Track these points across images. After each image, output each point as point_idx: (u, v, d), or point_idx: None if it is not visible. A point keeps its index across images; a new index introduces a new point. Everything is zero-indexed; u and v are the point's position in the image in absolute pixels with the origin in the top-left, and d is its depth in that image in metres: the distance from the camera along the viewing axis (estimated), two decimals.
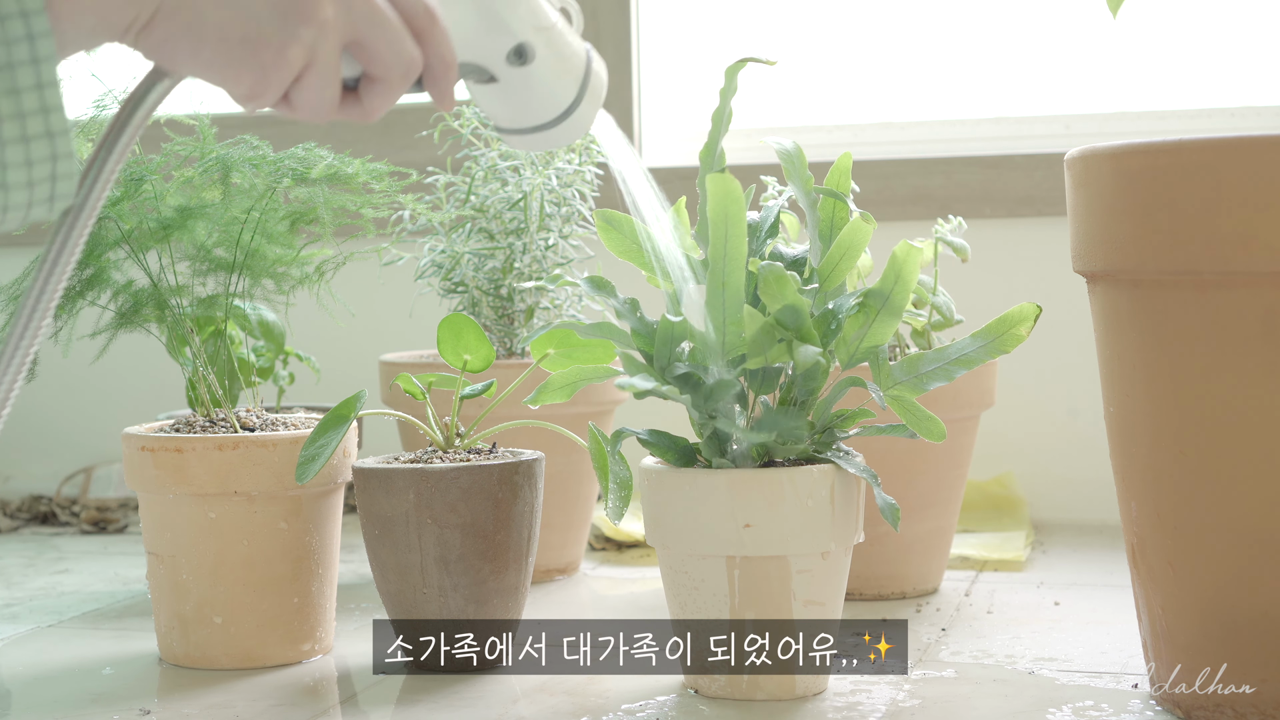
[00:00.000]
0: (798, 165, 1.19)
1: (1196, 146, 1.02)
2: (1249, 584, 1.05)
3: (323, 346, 1.98)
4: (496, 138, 1.62)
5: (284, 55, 0.87)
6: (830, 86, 2.10)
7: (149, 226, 1.31)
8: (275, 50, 0.87)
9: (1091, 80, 2.00)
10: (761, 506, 1.13)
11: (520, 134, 1.03)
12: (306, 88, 0.90)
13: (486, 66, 0.99)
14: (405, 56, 0.92)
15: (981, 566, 1.62)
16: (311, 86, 0.89)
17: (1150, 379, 1.08)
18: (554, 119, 1.01)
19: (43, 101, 0.79)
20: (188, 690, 1.24)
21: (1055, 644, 1.31)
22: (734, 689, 1.16)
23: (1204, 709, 1.08)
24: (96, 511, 2.01)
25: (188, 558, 1.28)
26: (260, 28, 0.86)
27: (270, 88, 0.89)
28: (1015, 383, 1.89)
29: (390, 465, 1.26)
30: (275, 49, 0.87)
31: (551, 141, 1.03)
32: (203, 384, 1.34)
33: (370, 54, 0.91)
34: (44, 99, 0.79)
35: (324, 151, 1.35)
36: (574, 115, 1.01)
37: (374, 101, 0.93)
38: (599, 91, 1.02)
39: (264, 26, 0.86)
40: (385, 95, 0.93)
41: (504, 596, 1.26)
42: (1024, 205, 1.90)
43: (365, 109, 0.93)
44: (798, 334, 1.12)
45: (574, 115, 1.01)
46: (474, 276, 1.62)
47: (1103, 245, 1.09)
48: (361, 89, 0.93)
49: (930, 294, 1.47)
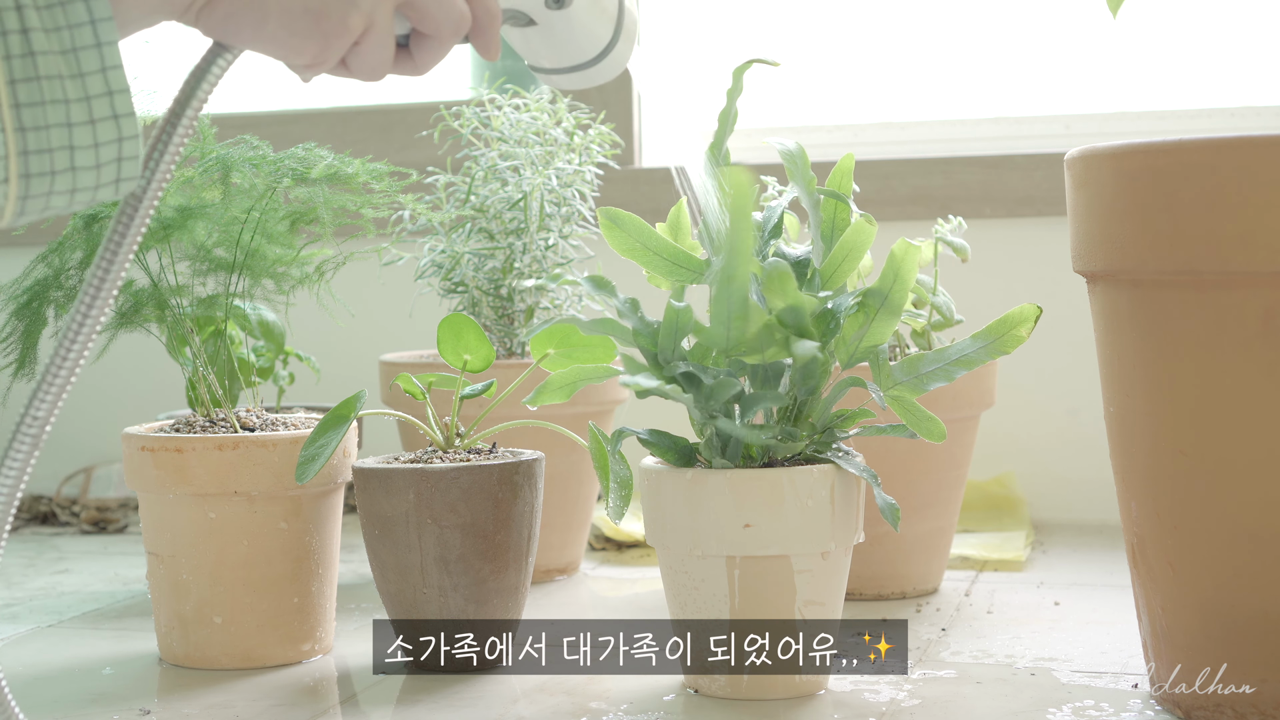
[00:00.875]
0: (801, 166, 1.19)
1: (1196, 146, 1.02)
2: (1249, 584, 1.05)
3: (323, 346, 1.98)
4: (497, 138, 1.62)
5: (346, 24, 0.89)
6: (831, 86, 2.10)
7: (149, 226, 1.31)
8: (338, 19, 0.89)
9: (1091, 80, 2.00)
10: (761, 506, 1.13)
11: (559, 74, 1.06)
12: (365, 51, 0.92)
13: (526, 11, 1.03)
14: (455, 13, 0.94)
15: (981, 566, 1.62)
16: (370, 49, 0.92)
17: (1150, 379, 1.08)
18: (593, 58, 1.05)
19: (107, 84, 0.81)
20: (188, 690, 1.24)
21: (1055, 644, 1.31)
22: (734, 689, 1.16)
23: (1204, 709, 1.08)
24: (96, 511, 2.01)
25: (188, 558, 1.28)
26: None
27: (331, 55, 0.91)
28: (1015, 383, 1.89)
29: (390, 465, 1.26)
30: (338, 18, 0.89)
31: (590, 80, 1.07)
32: (203, 384, 1.34)
33: (421, 13, 0.93)
34: (109, 81, 0.81)
35: (324, 151, 1.35)
36: (612, 53, 1.05)
37: (426, 57, 0.96)
38: (634, 30, 1.06)
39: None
40: (437, 50, 0.96)
41: (504, 596, 1.26)
42: (1024, 205, 1.90)
43: (417, 64, 0.96)
44: (797, 331, 1.12)
45: (612, 53, 1.05)
46: (474, 276, 1.62)
47: (1103, 245, 1.09)
48: (413, 46, 0.96)
49: (930, 294, 1.47)
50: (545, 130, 1.63)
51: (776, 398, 1.14)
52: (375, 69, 0.93)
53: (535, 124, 1.62)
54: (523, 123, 1.62)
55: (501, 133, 1.62)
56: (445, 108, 1.69)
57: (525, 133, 1.61)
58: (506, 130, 1.62)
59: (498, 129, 1.62)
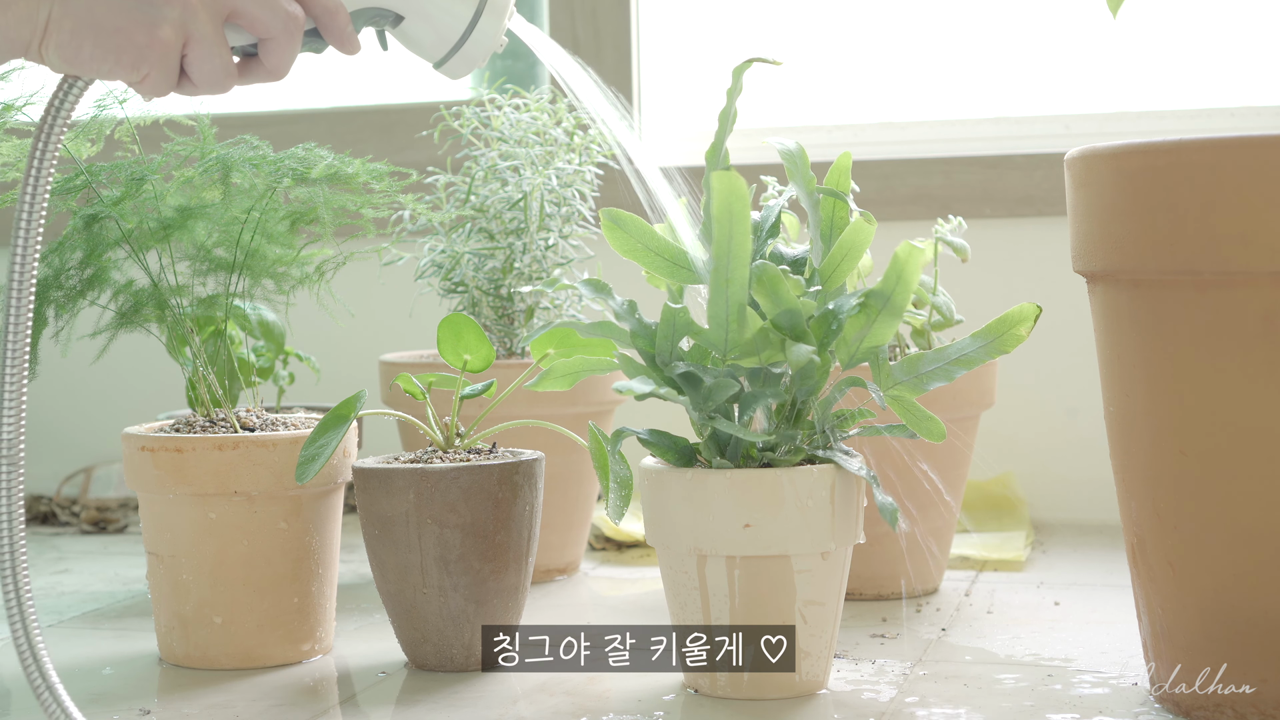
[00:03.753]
0: (800, 165, 1.19)
1: (1196, 146, 1.02)
2: (1249, 584, 1.05)
3: (323, 346, 1.98)
4: (497, 138, 1.62)
5: (156, 35, 0.95)
6: (831, 86, 2.10)
7: (149, 226, 1.31)
8: (146, 31, 0.95)
9: (1091, 80, 2.00)
10: (761, 506, 1.13)
11: (443, 64, 1.10)
12: (195, 62, 0.97)
13: (384, 4, 1.06)
14: (282, 14, 0.99)
15: (981, 566, 1.62)
16: (199, 59, 0.97)
17: (1150, 379, 1.08)
18: (460, 39, 1.08)
19: None
20: (188, 690, 1.24)
21: (1055, 644, 1.31)
22: (734, 689, 1.16)
23: (1204, 709, 1.08)
24: (96, 511, 2.01)
25: (188, 558, 1.28)
26: (129, 15, 0.94)
27: (156, 68, 0.96)
28: (1015, 383, 1.89)
29: (390, 465, 1.26)
30: (146, 30, 0.95)
31: (468, 61, 1.09)
32: (203, 384, 1.34)
33: (249, 19, 0.98)
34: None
35: (324, 151, 1.35)
36: (477, 29, 1.08)
37: (272, 60, 1.01)
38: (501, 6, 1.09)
39: (132, 13, 0.94)
40: (280, 52, 1.00)
41: (504, 596, 1.26)
42: (1024, 205, 1.90)
43: (268, 68, 1.01)
44: (792, 335, 1.12)
45: (477, 29, 1.08)
46: (474, 276, 1.62)
47: (1103, 245, 1.09)
48: (259, 51, 1.01)
49: (930, 294, 1.47)
50: (545, 130, 1.63)
51: (775, 394, 1.14)
52: (213, 79, 0.98)
53: (535, 124, 1.62)
54: (523, 123, 1.62)
55: (501, 133, 1.62)
56: (445, 108, 1.69)
57: (525, 133, 1.61)
58: (506, 130, 1.62)
59: (498, 129, 1.62)
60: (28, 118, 1.32)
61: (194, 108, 1.37)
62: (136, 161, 1.31)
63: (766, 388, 1.16)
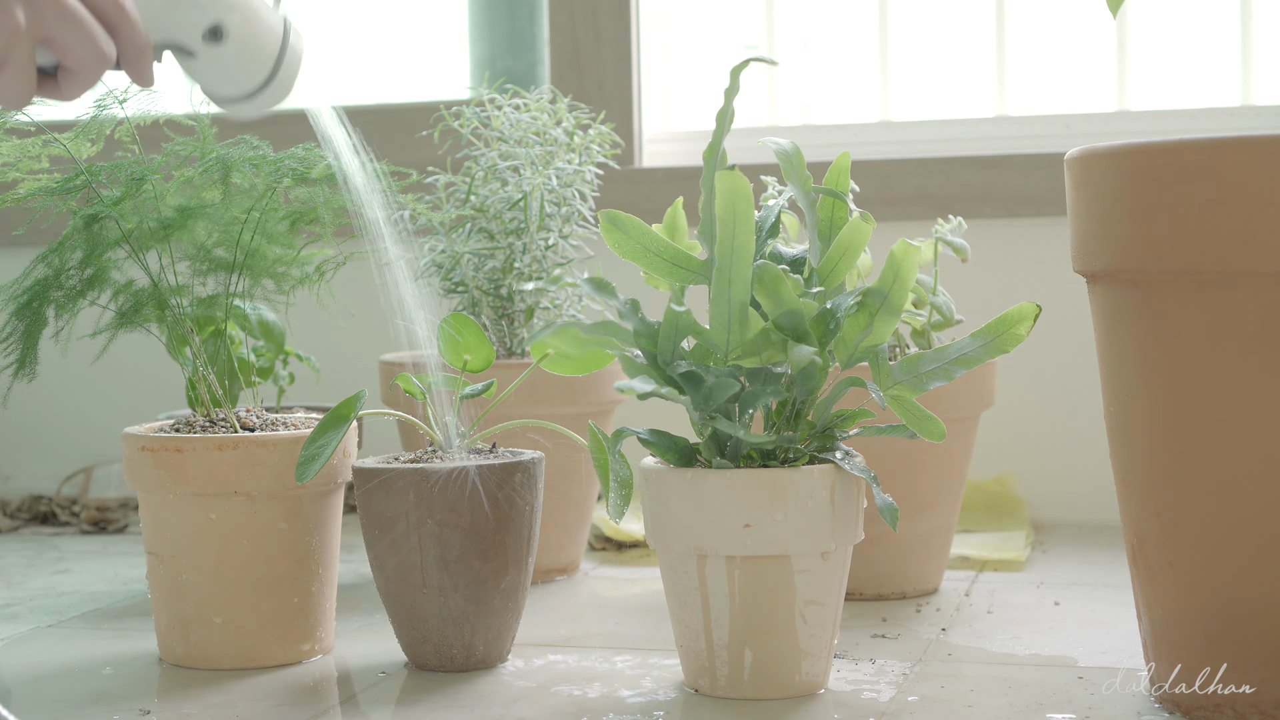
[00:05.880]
0: (796, 165, 1.19)
1: (1196, 146, 1.03)
2: (1249, 584, 1.05)
3: (323, 346, 1.98)
4: (497, 138, 1.62)
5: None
6: (830, 86, 2.10)
7: (149, 226, 1.31)
8: None
9: (1091, 80, 2.00)
10: (762, 506, 1.13)
11: (223, 102, 1.11)
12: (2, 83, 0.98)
13: (184, 45, 1.07)
14: (96, 51, 1.00)
15: (981, 566, 1.62)
16: (7, 82, 0.98)
17: (1150, 379, 1.08)
18: (251, 92, 1.10)
19: None
20: (188, 690, 1.24)
21: (1055, 644, 1.31)
22: (734, 689, 1.16)
23: (1204, 709, 1.08)
24: (96, 511, 2.01)
25: (188, 558, 1.28)
26: None
27: None
28: (1015, 383, 1.89)
29: (390, 465, 1.26)
30: None
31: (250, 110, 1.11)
32: (203, 384, 1.34)
33: (63, 49, 0.99)
34: None
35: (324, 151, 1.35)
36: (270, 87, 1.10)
37: (71, 89, 1.02)
38: (294, 64, 1.11)
39: None
40: (80, 84, 1.02)
41: (504, 597, 1.26)
42: (1024, 205, 1.90)
43: (64, 92, 1.02)
44: (794, 336, 1.12)
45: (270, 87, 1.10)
46: (474, 276, 1.62)
47: (1103, 245, 1.09)
48: (60, 77, 1.01)
49: (930, 294, 1.47)
50: (545, 130, 1.63)
51: (775, 391, 1.14)
52: (14, 99, 0.99)
53: (535, 124, 1.62)
54: (523, 123, 1.62)
55: (501, 133, 1.62)
56: (445, 108, 1.69)
57: (525, 133, 1.61)
58: (506, 130, 1.62)
59: (498, 129, 1.62)
60: (28, 118, 1.31)
61: (194, 108, 1.37)
62: (136, 161, 1.31)
63: (767, 387, 1.16)
